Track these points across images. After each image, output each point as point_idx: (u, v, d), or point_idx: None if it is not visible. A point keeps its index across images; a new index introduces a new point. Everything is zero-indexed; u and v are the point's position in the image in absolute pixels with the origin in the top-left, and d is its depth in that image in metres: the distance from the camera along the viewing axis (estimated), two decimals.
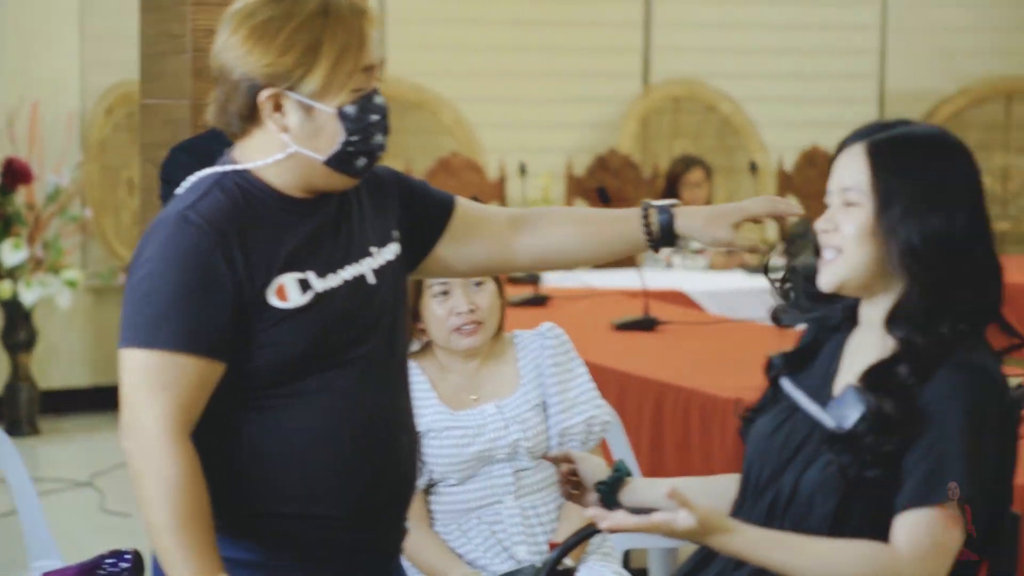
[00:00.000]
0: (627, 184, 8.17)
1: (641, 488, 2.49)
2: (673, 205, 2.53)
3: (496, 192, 8.10)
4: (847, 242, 2.25)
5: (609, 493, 2.44)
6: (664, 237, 2.51)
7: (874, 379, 2.19)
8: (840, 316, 2.36)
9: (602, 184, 7.98)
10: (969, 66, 9.44)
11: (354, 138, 2.25)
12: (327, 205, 2.31)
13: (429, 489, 3.15)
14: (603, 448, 3.37)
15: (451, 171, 7.97)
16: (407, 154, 8.33)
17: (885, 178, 2.23)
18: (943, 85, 9.42)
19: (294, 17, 2.23)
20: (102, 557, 2.55)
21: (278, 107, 2.24)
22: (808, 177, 8.61)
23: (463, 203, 2.53)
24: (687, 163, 7.37)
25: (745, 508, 2.30)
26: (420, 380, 3.18)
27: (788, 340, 4.97)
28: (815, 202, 8.41)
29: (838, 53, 9.29)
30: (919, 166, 2.23)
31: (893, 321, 2.21)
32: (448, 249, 2.49)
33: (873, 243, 2.22)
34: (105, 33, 7.62)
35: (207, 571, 2.16)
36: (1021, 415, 2.19)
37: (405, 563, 3.13)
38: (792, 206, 2.53)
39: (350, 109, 2.24)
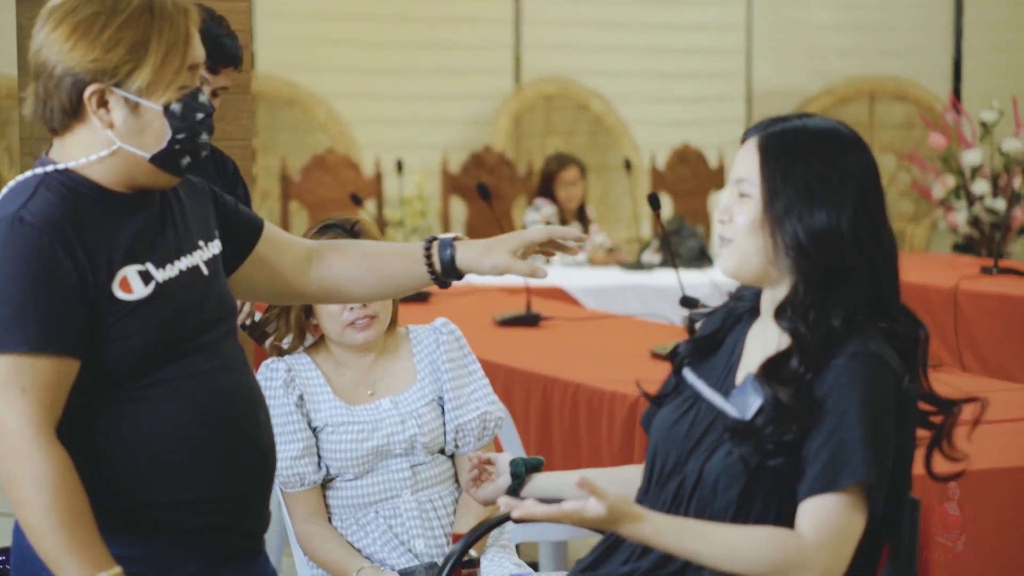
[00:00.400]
0: (503, 181, 8.20)
1: (543, 481, 2.53)
2: (456, 238, 2.53)
3: (373, 189, 8.07)
4: (739, 233, 2.29)
5: (525, 471, 2.50)
6: (447, 272, 2.53)
7: (770, 371, 2.23)
8: (747, 306, 2.39)
9: (479, 181, 8.01)
10: (833, 66, 9.63)
11: (180, 136, 2.26)
12: (151, 201, 2.33)
13: (326, 484, 3.14)
14: (495, 444, 3.38)
15: (327, 168, 7.92)
16: (281, 151, 8.26)
17: (772, 171, 2.26)
18: (808, 84, 9.61)
19: (119, 13, 2.23)
20: None
21: (103, 103, 2.25)
22: (680, 175, 8.71)
23: (270, 228, 2.57)
24: (562, 161, 7.38)
25: (650, 496, 2.32)
26: (315, 375, 3.17)
27: (669, 333, 5.03)
28: (688, 199, 8.43)
29: (706, 53, 9.42)
30: (807, 160, 2.26)
31: (780, 313, 2.25)
32: (249, 271, 2.53)
33: (763, 235, 2.26)
34: None
35: (98, 566, 2.15)
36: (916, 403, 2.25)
37: (303, 558, 3.13)
38: (573, 231, 2.54)
39: (176, 107, 2.26)
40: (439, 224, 8.41)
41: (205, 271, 2.36)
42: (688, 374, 2.38)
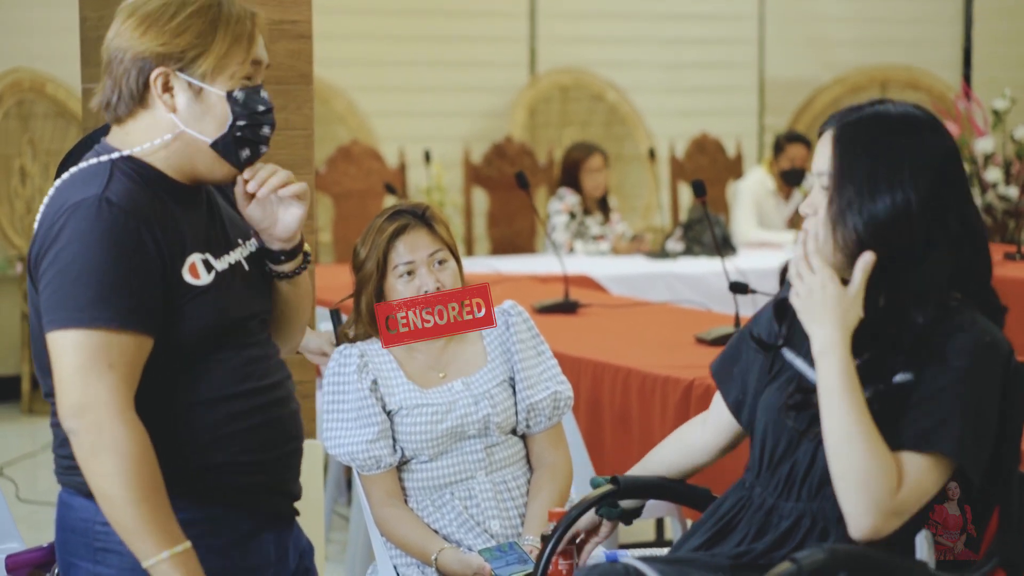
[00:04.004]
0: (524, 171, 8.25)
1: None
2: None
3: (397, 180, 8.12)
4: (820, 226, 2.34)
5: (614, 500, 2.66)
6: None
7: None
8: None
9: (502, 171, 8.06)
10: (844, 55, 9.69)
11: (241, 122, 2.35)
12: (201, 196, 2.43)
13: (402, 466, 3.19)
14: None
15: (352, 159, 7.96)
16: None
17: (840, 166, 2.32)
18: (820, 74, 9.67)
19: (188, 6, 2.35)
20: None
21: (167, 88, 2.35)
22: (699, 164, 8.76)
23: None
24: (587, 150, 7.41)
25: (762, 479, 2.38)
26: (387, 360, 3.22)
27: (709, 320, 5.06)
28: (707, 187, 8.48)
29: (718, 43, 9.47)
30: (874, 151, 2.30)
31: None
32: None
33: (829, 229, 2.33)
34: None
35: (172, 539, 2.24)
36: None
37: (380, 539, 3.18)
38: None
39: (239, 95, 2.36)
40: (460, 215, 8.45)
41: (246, 267, 2.46)
42: (787, 353, 2.44)
